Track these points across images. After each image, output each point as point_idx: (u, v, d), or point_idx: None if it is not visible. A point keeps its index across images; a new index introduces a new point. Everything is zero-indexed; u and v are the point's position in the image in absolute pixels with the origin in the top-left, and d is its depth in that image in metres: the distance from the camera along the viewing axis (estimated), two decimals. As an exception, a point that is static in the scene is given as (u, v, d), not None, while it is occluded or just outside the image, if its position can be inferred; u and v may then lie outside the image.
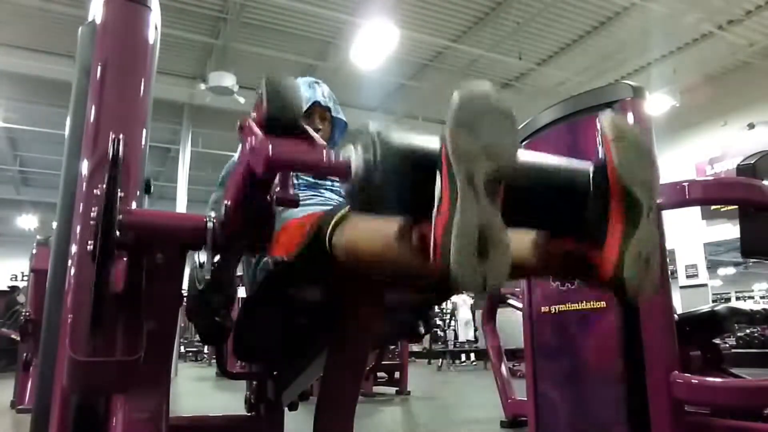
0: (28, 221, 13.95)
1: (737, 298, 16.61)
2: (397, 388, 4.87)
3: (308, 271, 1.10)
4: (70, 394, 1.05)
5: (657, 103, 7.61)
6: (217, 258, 1.01)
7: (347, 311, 1.21)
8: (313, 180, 1.70)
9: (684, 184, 1.54)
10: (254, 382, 1.56)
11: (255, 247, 1.07)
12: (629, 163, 0.76)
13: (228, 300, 1.24)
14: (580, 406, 1.66)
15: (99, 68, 1.21)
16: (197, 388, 6.51)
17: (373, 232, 0.78)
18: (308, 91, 1.73)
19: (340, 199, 1.70)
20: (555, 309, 1.73)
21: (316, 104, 1.73)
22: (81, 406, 1.05)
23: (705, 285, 8.07)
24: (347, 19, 6.66)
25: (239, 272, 1.36)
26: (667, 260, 1.60)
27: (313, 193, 1.65)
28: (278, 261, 1.06)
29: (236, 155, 1.76)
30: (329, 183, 1.73)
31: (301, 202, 1.66)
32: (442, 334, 10.25)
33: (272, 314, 1.20)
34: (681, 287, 8.08)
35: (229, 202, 0.96)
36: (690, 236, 7.84)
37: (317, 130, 1.73)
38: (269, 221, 0.97)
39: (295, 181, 1.66)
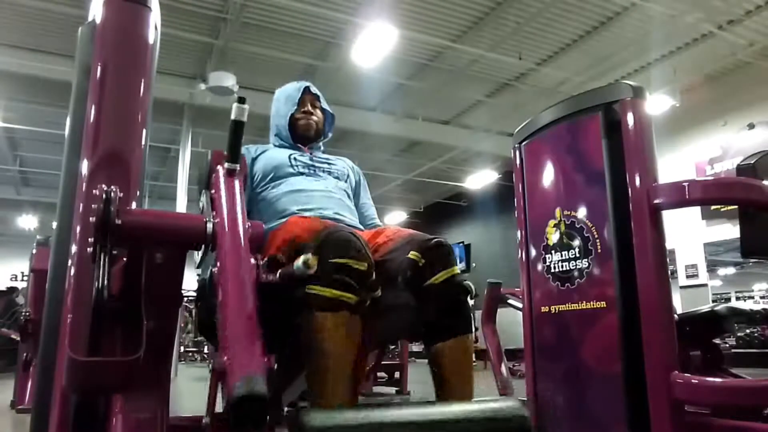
0: (28, 221, 13.95)
1: (737, 298, 16.61)
2: (397, 388, 4.87)
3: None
4: (69, 394, 1.05)
5: (657, 103, 7.60)
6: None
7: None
8: (309, 161, 1.72)
9: (684, 184, 1.54)
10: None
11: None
12: None
13: None
14: (580, 406, 1.66)
15: (99, 68, 1.21)
16: (197, 388, 6.50)
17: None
18: (297, 83, 1.84)
19: (338, 182, 1.72)
20: (555, 309, 1.73)
21: (307, 89, 1.80)
22: (81, 406, 1.05)
23: (705, 285, 8.06)
24: (347, 19, 6.66)
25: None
26: (667, 260, 1.60)
27: (312, 179, 1.67)
28: (273, 260, 1.07)
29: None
30: (326, 165, 1.75)
31: (299, 187, 1.69)
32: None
33: (271, 313, 1.21)
34: (681, 287, 8.07)
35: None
36: (690, 236, 7.84)
37: (310, 114, 1.79)
38: None
39: (293, 163, 1.69)
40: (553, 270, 1.74)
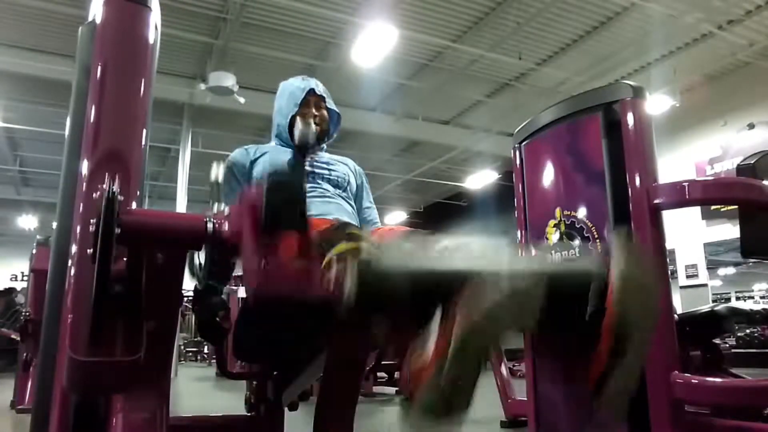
0: (28, 221, 13.95)
1: (737, 298, 16.61)
2: (397, 388, 4.87)
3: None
4: (69, 394, 1.05)
5: (657, 103, 7.60)
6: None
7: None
8: (309, 168, 1.71)
9: (684, 184, 1.54)
10: (254, 382, 1.56)
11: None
12: (629, 307, 0.79)
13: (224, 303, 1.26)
14: (580, 406, 1.66)
15: (99, 68, 1.21)
16: (197, 388, 6.50)
17: None
18: (302, 83, 1.77)
19: (336, 191, 1.70)
20: (555, 309, 1.73)
21: (311, 92, 1.77)
22: (81, 406, 1.05)
23: (705, 285, 8.06)
24: (347, 19, 6.66)
25: (239, 272, 1.37)
26: (667, 260, 1.60)
27: (310, 185, 1.66)
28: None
29: (236, 153, 1.76)
30: (326, 172, 1.73)
31: None
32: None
33: (272, 314, 1.21)
34: (681, 287, 8.07)
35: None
36: (690, 236, 7.84)
37: (314, 116, 1.76)
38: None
39: None
40: (553, 270, 1.74)
